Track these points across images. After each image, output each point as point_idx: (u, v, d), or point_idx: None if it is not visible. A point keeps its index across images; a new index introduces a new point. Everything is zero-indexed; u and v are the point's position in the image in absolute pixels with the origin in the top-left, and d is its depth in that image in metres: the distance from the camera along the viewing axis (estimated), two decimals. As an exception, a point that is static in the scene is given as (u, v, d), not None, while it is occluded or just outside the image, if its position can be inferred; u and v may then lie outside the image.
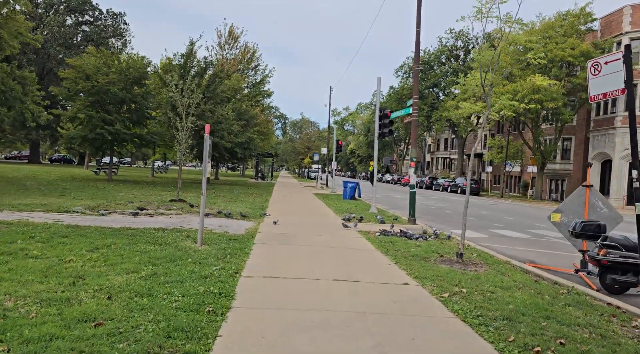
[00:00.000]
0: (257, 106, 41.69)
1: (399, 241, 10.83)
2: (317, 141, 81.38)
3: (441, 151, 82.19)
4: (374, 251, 9.44)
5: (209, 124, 8.91)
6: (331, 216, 16.00)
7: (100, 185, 24.41)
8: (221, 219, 13.10)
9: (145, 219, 11.85)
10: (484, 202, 31.59)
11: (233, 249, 8.45)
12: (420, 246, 10.22)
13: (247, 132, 33.44)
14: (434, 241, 11.25)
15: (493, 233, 14.13)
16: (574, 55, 33.40)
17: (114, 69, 26.15)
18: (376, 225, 13.98)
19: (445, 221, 17.32)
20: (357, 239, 10.91)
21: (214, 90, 27.02)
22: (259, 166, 53.29)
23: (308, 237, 10.80)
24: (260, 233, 10.89)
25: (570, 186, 42.94)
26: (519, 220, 18.95)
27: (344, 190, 25.23)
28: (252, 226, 12.16)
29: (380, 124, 18.40)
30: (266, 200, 21.28)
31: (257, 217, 13.86)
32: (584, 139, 41.49)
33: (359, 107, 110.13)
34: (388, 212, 18.93)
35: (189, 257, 7.48)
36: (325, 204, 21.21)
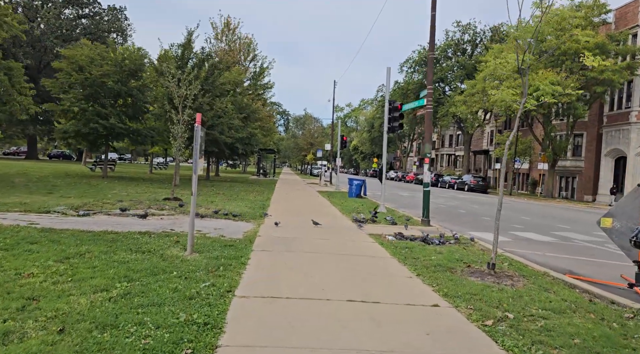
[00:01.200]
0: (258, 100, 40.46)
1: (416, 246, 9.62)
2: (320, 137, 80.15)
3: (446, 147, 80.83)
4: (389, 259, 8.24)
5: (200, 113, 7.69)
6: (338, 217, 14.80)
7: (93, 182, 23.28)
8: (217, 220, 11.90)
9: (132, 221, 10.66)
10: (494, 201, 30.29)
11: (228, 258, 7.26)
12: (441, 252, 9.01)
13: (248, 127, 32.23)
14: (455, 246, 10.05)
15: (515, 236, 12.90)
16: (589, 47, 31.98)
17: (109, 61, 24.96)
18: (388, 227, 12.77)
19: (461, 222, 16.11)
20: (368, 244, 9.70)
21: (212, 82, 25.82)
22: (261, 162, 52.06)
23: (313, 241, 9.60)
24: (260, 237, 9.70)
25: (581, 184, 41.63)
26: (538, 221, 17.72)
27: (350, 188, 24.02)
28: (252, 228, 10.98)
29: (389, 117, 17.17)
30: (267, 198, 20.10)
31: (257, 218, 12.67)
32: (597, 135, 40.12)
33: (362, 103, 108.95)
34: (398, 211, 17.73)
35: (175, 270, 6.29)
36: (330, 202, 20.01)
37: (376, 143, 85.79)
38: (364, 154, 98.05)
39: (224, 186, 27.99)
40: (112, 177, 27.72)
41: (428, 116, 13.88)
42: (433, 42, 13.68)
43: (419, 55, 56.23)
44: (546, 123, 36.72)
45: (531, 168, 48.54)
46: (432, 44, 13.73)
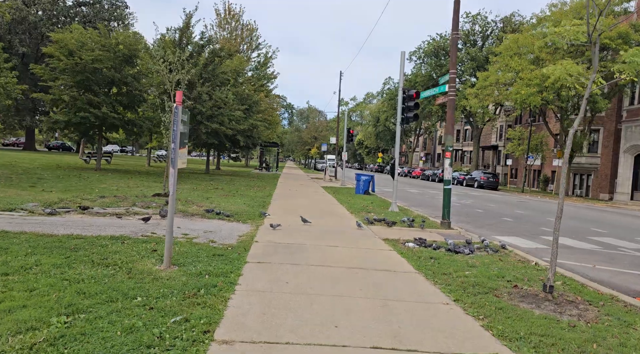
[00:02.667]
0: (261, 91, 38.86)
1: (442, 256, 8.07)
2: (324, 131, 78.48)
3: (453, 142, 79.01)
4: (415, 275, 6.69)
5: (180, 91, 6.13)
6: (346, 217, 13.25)
7: (85, 174, 21.80)
8: (209, 221, 10.37)
9: (108, 222, 9.15)
10: (511, 199, 28.73)
11: (213, 275, 5.73)
12: (475, 265, 7.46)
13: (250, 118, 30.67)
14: (488, 256, 8.48)
15: (550, 242, 11.29)
16: (611, 37, 30.19)
17: (101, 46, 23.39)
18: (404, 230, 11.22)
19: (482, 224, 14.54)
20: (386, 253, 8.15)
21: (212, 70, 24.27)
22: (264, 156, 50.54)
23: (321, 249, 8.06)
24: (257, 243, 8.16)
25: (597, 181, 39.91)
26: (567, 223, 16.08)
27: (357, 184, 22.45)
28: (248, 231, 9.44)
29: (403, 107, 15.56)
30: (269, 194, 18.56)
31: (255, 219, 11.13)
32: (614, 131, 38.36)
33: (367, 97, 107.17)
34: (410, 210, 16.17)
35: (140, 294, 4.77)
36: (336, 200, 18.46)
37: (381, 138, 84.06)
38: (369, 148, 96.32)
39: (224, 180, 26.48)
40: (106, 170, 26.24)
41: (450, 104, 12.27)
42: (457, 20, 12.04)
43: (429, 46, 54.40)
44: (564, 117, 34.93)
45: (542, 165, 46.80)
46: (456, 22, 12.09)
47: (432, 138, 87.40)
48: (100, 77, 23.86)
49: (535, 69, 32.44)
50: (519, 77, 32.94)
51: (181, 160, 6.55)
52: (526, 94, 31.15)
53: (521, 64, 33.52)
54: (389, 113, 71.03)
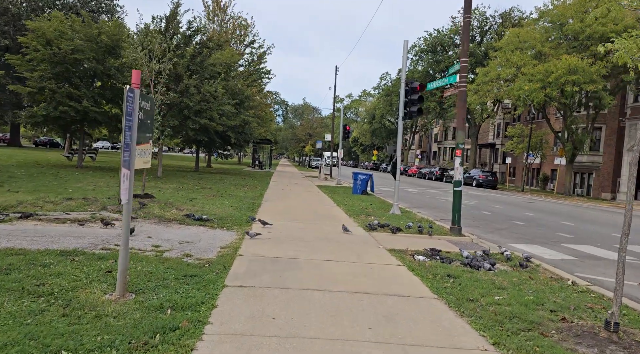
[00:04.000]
0: (253, 87, 37.43)
1: (460, 273, 6.78)
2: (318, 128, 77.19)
3: (449, 140, 77.86)
4: (435, 302, 5.38)
5: (138, 70, 4.78)
6: (344, 221, 11.93)
7: (63, 173, 20.35)
8: (188, 228, 9.02)
9: (66, 230, 7.78)
10: (515, 199, 27.54)
11: (179, 309, 4.41)
12: (503, 286, 6.18)
13: (241, 114, 29.25)
14: (512, 271, 7.21)
15: (574, 251, 10.06)
16: (617, 30, 28.98)
17: (82, 35, 21.90)
18: (410, 237, 9.93)
19: (493, 228, 13.28)
20: (394, 270, 6.85)
21: (200, 62, 22.84)
22: (257, 153, 49.08)
23: (317, 265, 6.75)
24: (242, 258, 6.84)
25: (599, 181, 38.89)
26: (584, 226, 14.90)
27: (354, 183, 21.16)
28: (233, 240, 8.11)
29: (406, 100, 14.26)
30: (260, 195, 17.22)
31: (242, 225, 9.79)
32: (617, 129, 37.30)
33: (363, 94, 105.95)
34: (413, 213, 14.89)
35: (68, 345, 3.43)
36: (333, 201, 17.15)
37: (377, 135, 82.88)
38: (364, 146, 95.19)
39: (213, 179, 25.08)
40: (88, 168, 24.76)
41: (461, 95, 10.98)
42: (470, 1, 10.74)
43: (426, 42, 53.15)
44: (567, 114, 33.79)
45: (542, 163, 45.75)
46: (469, 4, 10.79)
47: (428, 136, 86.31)
48: (81, 68, 22.41)
49: (537, 64, 31.28)
50: (521, 73, 31.77)
51: (142, 159, 5.22)
52: (529, 90, 29.99)
53: (523, 59, 32.35)
54: (385, 110, 69.82)
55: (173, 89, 21.31)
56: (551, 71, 29.46)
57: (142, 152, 5.18)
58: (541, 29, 35.07)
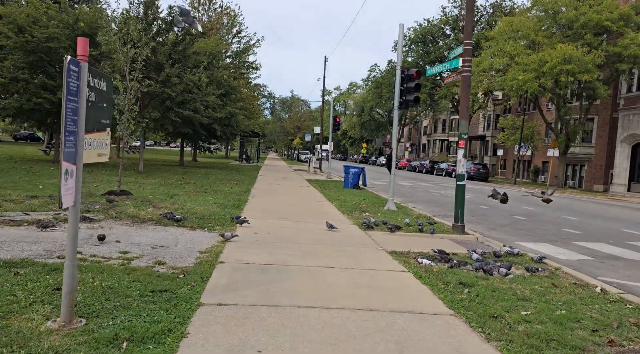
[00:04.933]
0: (240, 78, 36.26)
1: (473, 279, 5.94)
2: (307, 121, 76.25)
3: (439, 132, 77.36)
4: (453, 320, 4.51)
5: (85, 39, 3.79)
6: (337, 218, 11.05)
7: (37, 168, 19.19)
8: (165, 230, 8.05)
9: (23, 234, 6.78)
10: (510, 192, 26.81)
11: (139, 339, 3.47)
12: (528, 298, 5.34)
13: (227, 106, 28.14)
14: (531, 276, 6.38)
15: (589, 250, 9.27)
16: (612, 18, 28.43)
17: (58, 22, 20.63)
18: (411, 236, 9.08)
19: (495, 225, 12.50)
20: (399, 277, 5.98)
21: (183, 51, 21.67)
22: (244, 146, 47.92)
23: (310, 273, 5.85)
24: (223, 266, 5.91)
25: (591, 172, 38.48)
26: (590, 221, 14.17)
27: (346, 177, 20.27)
28: (214, 244, 7.17)
29: (402, 89, 13.36)
30: (247, 190, 16.25)
31: (226, 225, 8.84)
32: (609, 120, 36.83)
33: (352, 86, 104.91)
34: (409, 208, 14.05)
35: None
36: (324, 196, 16.25)
37: (366, 128, 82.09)
38: (353, 139, 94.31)
39: (199, 173, 24.03)
40: (65, 163, 23.55)
41: (465, 81, 10.11)
42: (473, -21, 9.86)
43: (415, 33, 52.26)
44: (561, 105, 33.18)
45: (533, 155, 45.30)
46: (472, -19, 9.90)
47: (418, 128, 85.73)
48: (57, 57, 21.12)
49: (532, 54, 30.58)
50: (514, 62, 31.03)
51: (97, 150, 4.26)
52: (523, 80, 29.26)
53: (517, 49, 31.61)
54: (374, 102, 68.96)
55: (154, 79, 20.16)
56: (546, 61, 28.76)
57: (96, 143, 4.21)
58: (534, 18, 34.34)
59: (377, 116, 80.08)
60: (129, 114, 11.85)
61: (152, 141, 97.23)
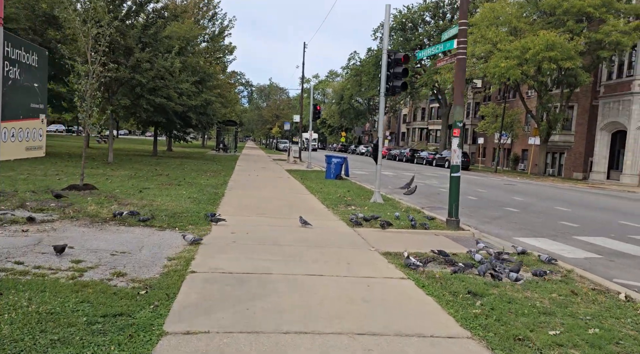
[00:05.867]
0: (216, 64, 34.92)
1: (483, 287, 5.21)
2: (286, 109, 75.01)
3: (418, 121, 77.07)
4: (471, 346, 3.75)
5: None
6: (322, 213, 10.24)
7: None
8: (129, 231, 7.09)
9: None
10: (493, 181, 26.49)
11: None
12: (549, 311, 4.62)
13: (203, 93, 26.93)
14: (545, 282, 5.68)
15: (593, 246, 8.67)
16: (594, 4, 28.07)
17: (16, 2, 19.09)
18: (405, 233, 8.33)
19: (486, 217, 11.89)
20: (398, 286, 5.20)
21: (154, 34, 20.39)
22: (221, 135, 46.57)
23: (297, 284, 5.02)
24: (194, 277, 5.03)
25: (571, 160, 38.53)
26: (585, 213, 13.66)
27: (328, 167, 19.45)
28: (185, 248, 6.27)
29: (388, 74, 12.53)
30: (224, 182, 15.28)
31: (200, 223, 7.92)
32: (589, 107, 36.81)
33: (331, 74, 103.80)
34: (397, 201, 13.32)
35: None
36: (305, 187, 15.41)
37: (345, 116, 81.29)
38: (332, 127, 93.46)
39: (173, 164, 22.88)
40: (29, 154, 22.10)
41: (460, 64, 9.34)
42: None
43: (395, 20, 51.39)
44: (543, 92, 32.89)
45: (513, 143, 45.26)
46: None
47: (397, 117, 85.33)
48: (16, 41, 19.61)
49: (514, 41, 30.09)
50: (496, 49, 30.51)
51: (25, 143, 3.35)
52: (506, 67, 28.77)
53: (499, 35, 31.08)
54: (354, 90, 68.11)
55: (123, 64, 18.89)
56: (528, 47, 28.30)
57: (24, 134, 3.28)
58: (515, 4, 33.86)
59: (357, 104, 79.30)
60: (91, 100, 10.74)
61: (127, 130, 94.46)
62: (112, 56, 19.22)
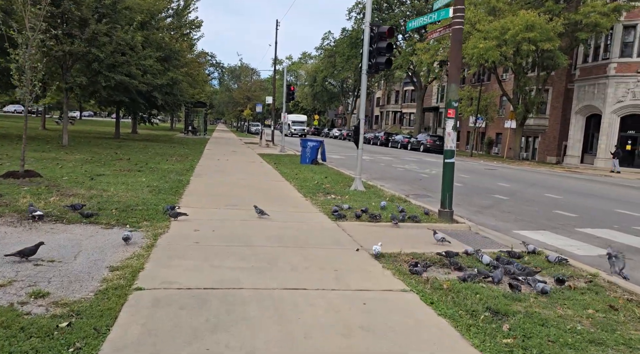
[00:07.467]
0: (183, 41, 32.96)
1: (503, 301, 4.23)
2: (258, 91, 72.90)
3: (392, 104, 76.39)
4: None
5: None
6: (300, 203, 9.12)
7: None
8: (67, 230, 5.81)
9: None
10: (473, 166, 25.85)
11: None
12: (599, 339, 3.66)
13: (169, 72, 25.18)
14: (572, 291, 4.75)
15: (600, 240, 7.86)
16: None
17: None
18: (395, 228, 7.31)
19: (475, 205, 11.03)
20: (403, 304, 4.16)
21: (113, 5, 18.56)
22: (190, 117, 44.58)
23: (275, 305, 3.92)
24: (140, 296, 3.86)
25: (545, 144, 38.41)
26: (574, 200, 12.97)
27: (303, 151, 18.28)
28: (133, 252, 5.07)
29: (371, 49, 11.38)
30: (190, 168, 13.95)
31: (157, 219, 6.69)
32: (564, 91, 36.60)
33: (304, 56, 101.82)
34: (379, 188, 12.33)
35: None
36: (280, 173, 14.24)
37: (318, 99, 79.93)
38: (305, 110, 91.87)
39: (136, 147, 21.29)
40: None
41: (456, 35, 8.28)
42: None
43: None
44: (520, 75, 32.35)
45: (487, 127, 44.94)
46: None
47: (371, 100, 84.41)
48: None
49: (493, 21, 29.30)
50: (475, 29, 29.67)
51: None
52: (484, 48, 27.98)
53: (478, 15, 30.23)
54: (328, 72, 66.72)
55: (77, 37, 17.12)
56: (508, 28, 27.54)
57: None
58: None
59: (330, 86, 77.95)
60: (31, 74, 9.24)
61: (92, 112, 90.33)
62: (66, 28, 17.44)
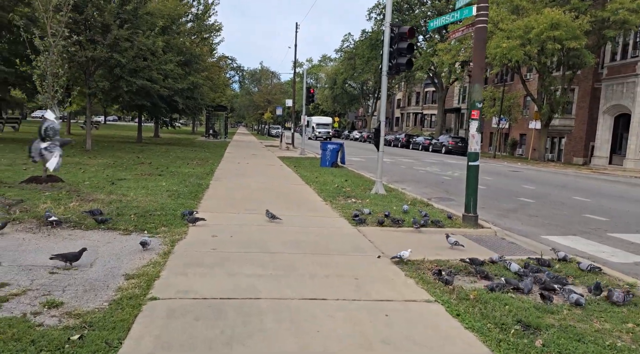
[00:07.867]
0: (204, 46, 33.19)
1: (534, 314, 4.00)
2: (278, 94, 73.24)
3: (412, 106, 75.68)
4: None
5: None
6: (319, 207, 8.96)
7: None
8: (85, 236, 5.77)
9: None
10: (497, 167, 25.30)
11: None
12: None
13: (190, 76, 25.35)
14: (611, 306, 4.47)
15: (636, 247, 7.50)
16: (602, -19, 26.72)
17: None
18: (416, 233, 7.09)
19: (499, 209, 10.69)
20: (428, 317, 3.95)
21: (134, 10, 18.76)
22: (211, 121, 44.91)
23: (292, 317, 3.76)
24: (154, 306, 3.74)
25: (571, 145, 37.43)
26: (603, 203, 12.50)
27: (323, 153, 18.14)
28: (150, 259, 4.98)
29: (391, 50, 11.17)
30: (210, 171, 13.93)
31: (175, 224, 6.62)
32: (590, 90, 35.61)
33: (324, 59, 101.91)
34: (400, 191, 12.09)
35: None
36: (299, 176, 14.11)
37: (338, 101, 79.74)
38: (325, 112, 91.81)
39: (157, 151, 21.46)
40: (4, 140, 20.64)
41: (479, 34, 8.03)
42: None
43: (390, 0, 49.64)
44: (545, 75, 31.59)
45: (510, 128, 44.07)
46: None
47: (391, 101, 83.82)
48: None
49: (516, 19, 28.69)
50: (498, 29, 29.09)
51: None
52: (508, 48, 27.40)
53: (500, 14, 29.65)
54: (347, 74, 66.53)
55: (100, 42, 17.35)
56: (532, 27, 26.91)
57: None
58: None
59: (350, 89, 77.68)
60: (54, 79, 9.33)
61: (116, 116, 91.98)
62: (89, 34, 17.69)
